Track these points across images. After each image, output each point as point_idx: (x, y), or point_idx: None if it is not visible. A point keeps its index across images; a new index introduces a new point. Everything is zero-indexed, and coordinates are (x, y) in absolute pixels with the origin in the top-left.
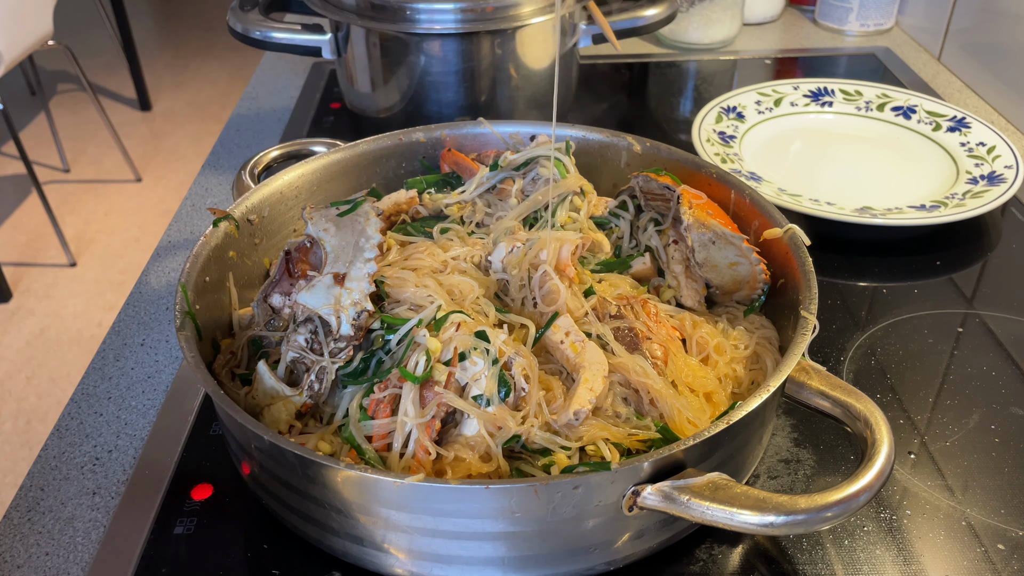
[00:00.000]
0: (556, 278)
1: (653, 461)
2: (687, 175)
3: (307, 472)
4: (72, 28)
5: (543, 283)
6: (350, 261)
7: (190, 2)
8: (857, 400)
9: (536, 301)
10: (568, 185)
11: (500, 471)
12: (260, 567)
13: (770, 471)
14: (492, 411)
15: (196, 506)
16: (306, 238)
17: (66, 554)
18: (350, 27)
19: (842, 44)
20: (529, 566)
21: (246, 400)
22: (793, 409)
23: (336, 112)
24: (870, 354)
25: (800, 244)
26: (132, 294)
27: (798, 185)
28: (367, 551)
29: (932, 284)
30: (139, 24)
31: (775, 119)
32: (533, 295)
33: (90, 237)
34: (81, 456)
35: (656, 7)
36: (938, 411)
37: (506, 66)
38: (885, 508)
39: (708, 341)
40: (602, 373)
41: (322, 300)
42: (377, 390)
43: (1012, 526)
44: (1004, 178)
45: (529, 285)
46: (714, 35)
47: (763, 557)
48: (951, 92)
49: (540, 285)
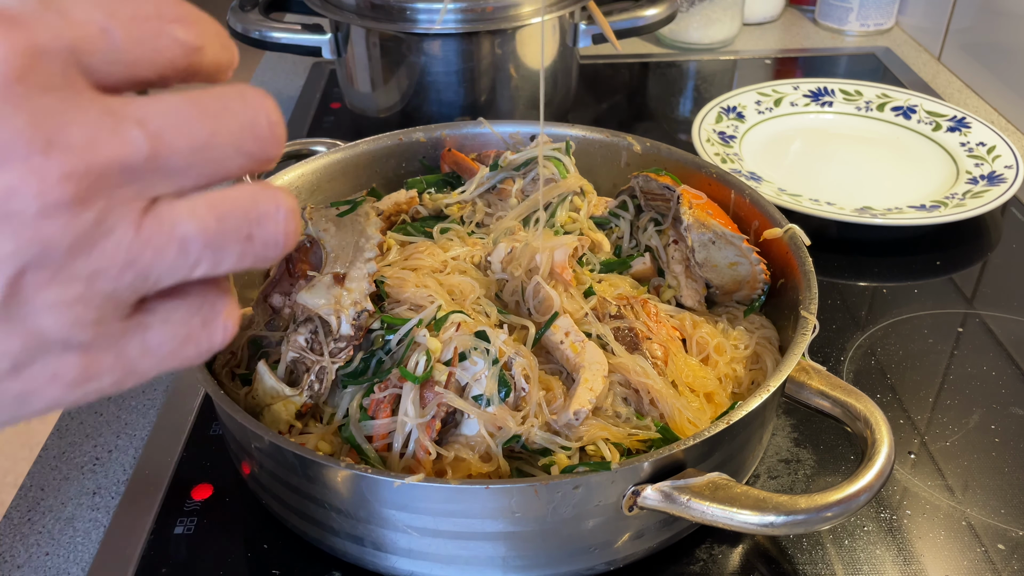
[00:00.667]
0: (547, 287)
1: (653, 461)
2: (687, 175)
3: (307, 472)
4: None
5: (537, 293)
6: (350, 261)
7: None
8: (857, 400)
9: (530, 310)
10: (568, 185)
11: (500, 471)
12: (260, 567)
13: (770, 471)
14: (492, 411)
15: (196, 506)
16: (306, 238)
17: (66, 554)
18: (350, 27)
19: (842, 44)
20: (529, 566)
21: (246, 400)
22: (793, 409)
23: (336, 112)
24: (870, 354)
25: (800, 244)
26: None
27: (798, 185)
28: (367, 551)
29: (932, 284)
30: None
31: (775, 119)
32: (528, 306)
33: None
34: (81, 456)
35: (656, 7)
36: (938, 411)
37: (506, 66)
38: (885, 508)
39: (708, 341)
40: (602, 373)
41: (322, 300)
42: (377, 390)
43: (1012, 526)
44: (1004, 178)
45: (523, 297)
46: (714, 35)
47: (763, 557)
48: (951, 92)
49: (534, 295)
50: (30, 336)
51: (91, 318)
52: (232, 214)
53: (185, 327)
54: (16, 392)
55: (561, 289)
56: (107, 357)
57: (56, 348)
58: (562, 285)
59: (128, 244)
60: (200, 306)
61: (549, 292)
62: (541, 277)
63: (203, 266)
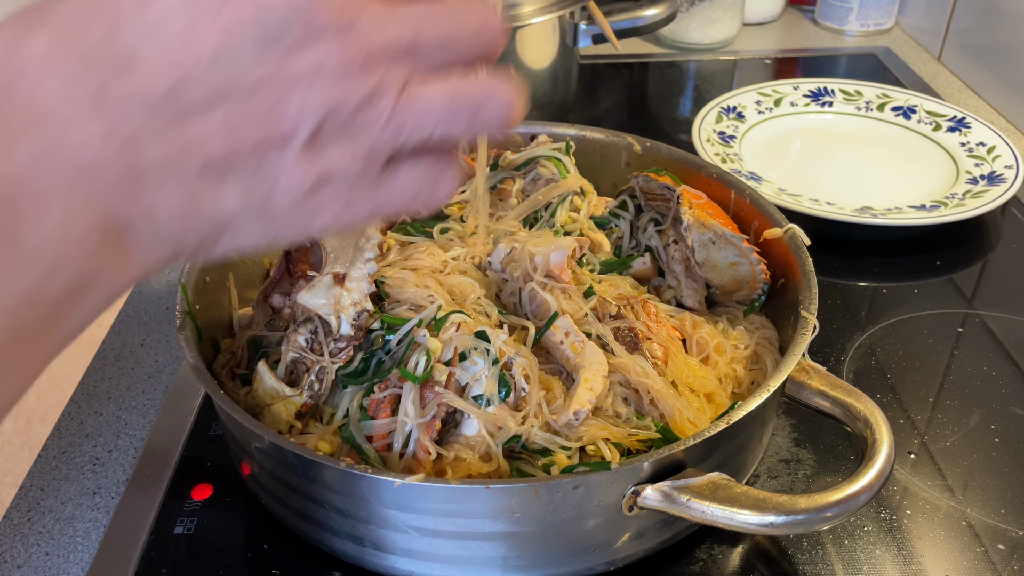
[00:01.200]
0: (543, 293)
1: (653, 461)
2: (687, 175)
3: (307, 472)
4: None
5: (533, 299)
6: (350, 261)
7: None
8: (857, 400)
9: (528, 315)
10: (568, 185)
11: (500, 471)
12: (260, 567)
13: (770, 471)
14: (492, 411)
15: (196, 506)
16: (306, 238)
17: (66, 554)
18: None
19: (842, 44)
20: (529, 566)
21: (246, 400)
22: (793, 409)
23: None
24: (870, 354)
25: (800, 244)
26: (132, 294)
27: (798, 185)
28: (367, 551)
29: (932, 284)
30: None
31: (775, 119)
32: (525, 311)
33: None
34: (81, 456)
35: (656, 7)
36: (938, 411)
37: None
38: (885, 508)
39: (708, 341)
40: (602, 373)
41: (322, 300)
42: (377, 390)
43: (1012, 526)
44: (1004, 178)
45: (520, 304)
46: (714, 35)
47: (763, 557)
48: (951, 92)
49: (531, 300)
50: (321, 171)
51: (360, 162)
52: (466, 93)
53: (421, 181)
54: (306, 212)
55: (559, 292)
56: (366, 193)
57: (335, 182)
58: (560, 288)
59: (392, 107)
60: (433, 166)
61: (545, 297)
62: (536, 282)
63: (440, 128)
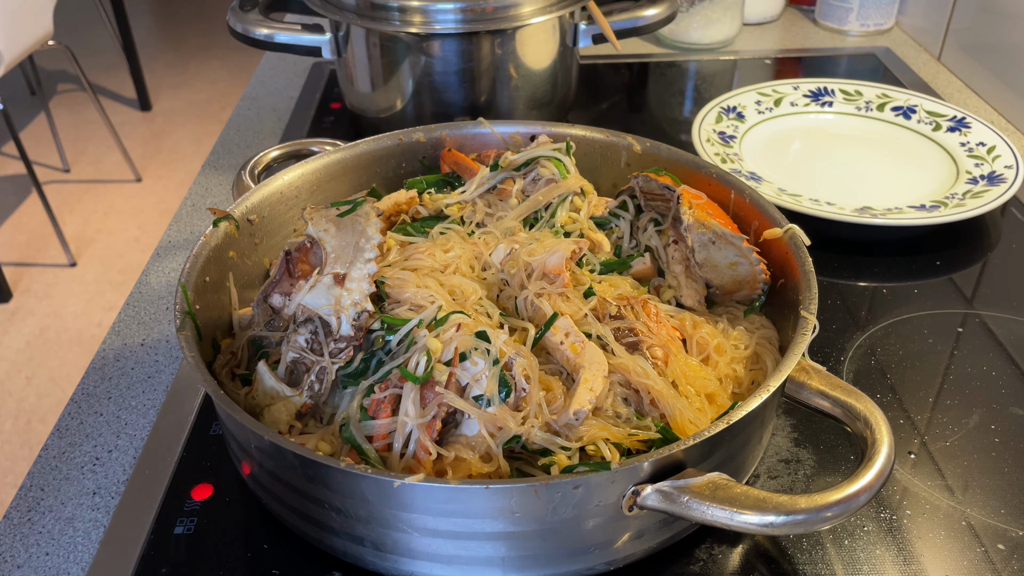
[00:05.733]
0: (538, 301)
1: (653, 461)
2: (687, 175)
3: (307, 472)
4: (72, 28)
5: (528, 307)
6: (350, 261)
7: (190, 2)
8: (857, 400)
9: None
10: (568, 185)
11: (500, 471)
12: (260, 567)
13: (770, 471)
14: (493, 411)
15: (196, 506)
16: (306, 238)
17: (66, 554)
18: (350, 27)
19: (842, 44)
20: (529, 566)
21: (246, 400)
22: (793, 409)
23: (336, 112)
24: (870, 354)
25: (800, 244)
26: (132, 294)
27: (798, 185)
28: (367, 551)
29: (932, 284)
30: (139, 24)
31: (775, 119)
32: (523, 316)
33: (90, 237)
34: (81, 456)
35: (656, 7)
36: (938, 411)
37: (506, 66)
38: (885, 508)
39: (708, 341)
40: (602, 373)
41: (322, 300)
42: (378, 390)
43: (1012, 526)
44: (1004, 178)
45: (516, 309)
46: (714, 35)
47: (763, 557)
48: (951, 92)
49: (527, 306)
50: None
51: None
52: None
53: None
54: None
55: (555, 297)
56: None
57: None
58: (557, 291)
59: None
60: None
61: (541, 306)
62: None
63: None
